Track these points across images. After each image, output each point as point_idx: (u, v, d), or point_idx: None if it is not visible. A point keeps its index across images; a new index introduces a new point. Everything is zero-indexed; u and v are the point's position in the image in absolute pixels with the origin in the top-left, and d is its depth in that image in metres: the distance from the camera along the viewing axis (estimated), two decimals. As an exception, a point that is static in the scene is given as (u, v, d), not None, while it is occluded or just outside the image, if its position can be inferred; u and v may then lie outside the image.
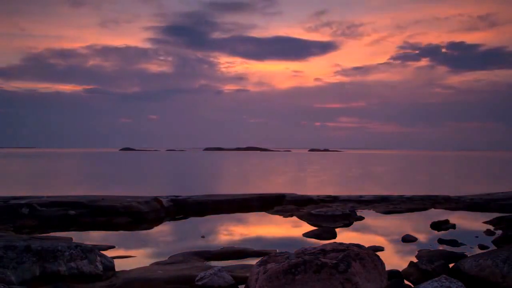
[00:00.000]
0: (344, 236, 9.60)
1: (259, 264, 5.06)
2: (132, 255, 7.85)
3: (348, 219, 11.44)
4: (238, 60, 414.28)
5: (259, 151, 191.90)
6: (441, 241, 8.96)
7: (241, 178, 32.90)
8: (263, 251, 7.79)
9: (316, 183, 28.11)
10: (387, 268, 5.39)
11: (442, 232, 10.11)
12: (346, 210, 11.89)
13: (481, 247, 8.33)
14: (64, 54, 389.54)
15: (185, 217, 12.49)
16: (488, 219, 11.32)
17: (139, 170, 45.66)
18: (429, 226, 10.74)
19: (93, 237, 9.65)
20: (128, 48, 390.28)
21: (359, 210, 13.01)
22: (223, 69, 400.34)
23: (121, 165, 56.11)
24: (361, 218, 11.91)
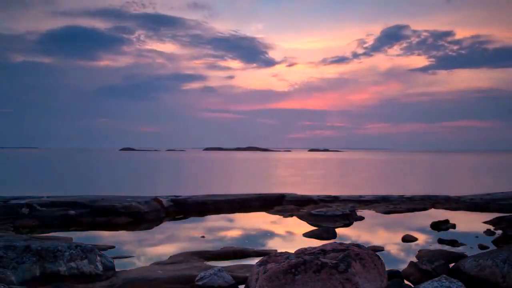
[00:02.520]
0: (344, 236, 9.60)
1: (259, 264, 5.06)
2: (132, 255, 7.85)
3: (348, 219, 11.44)
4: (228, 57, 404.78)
5: (259, 151, 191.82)
6: (441, 241, 8.96)
7: (241, 178, 32.87)
8: (263, 251, 7.80)
9: (315, 183, 28.10)
10: (387, 268, 5.39)
11: (442, 232, 10.11)
12: (346, 210, 11.90)
13: (481, 247, 8.34)
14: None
15: (185, 217, 12.49)
16: (488, 219, 11.33)
17: (139, 170, 45.64)
18: (429, 226, 10.75)
19: (93, 237, 9.65)
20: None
21: (359, 210, 13.02)
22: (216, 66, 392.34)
23: (122, 166, 56.11)
24: (361, 218, 11.92)
